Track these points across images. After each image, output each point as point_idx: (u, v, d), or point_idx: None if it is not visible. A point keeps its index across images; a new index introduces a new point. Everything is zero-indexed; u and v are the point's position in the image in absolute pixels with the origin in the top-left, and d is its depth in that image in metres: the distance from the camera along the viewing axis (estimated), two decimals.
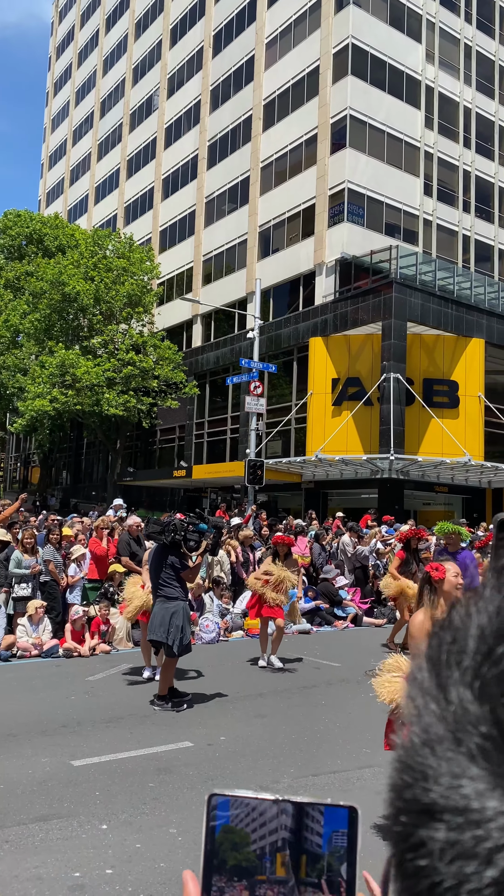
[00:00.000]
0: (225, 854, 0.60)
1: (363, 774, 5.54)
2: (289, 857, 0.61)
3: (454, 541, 8.42)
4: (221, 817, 0.61)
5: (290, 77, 31.25)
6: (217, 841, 0.61)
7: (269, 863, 0.61)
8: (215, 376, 33.54)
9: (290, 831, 0.61)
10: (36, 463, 51.31)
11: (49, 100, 62.19)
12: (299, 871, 0.61)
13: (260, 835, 0.61)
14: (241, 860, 0.60)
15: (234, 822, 0.61)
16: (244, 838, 0.61)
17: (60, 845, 4.24)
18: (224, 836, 0.60)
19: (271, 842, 0.61)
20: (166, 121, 40.83)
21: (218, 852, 0.61)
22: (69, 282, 30.77)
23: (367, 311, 25.82)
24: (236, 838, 0.61)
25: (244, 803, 0.61)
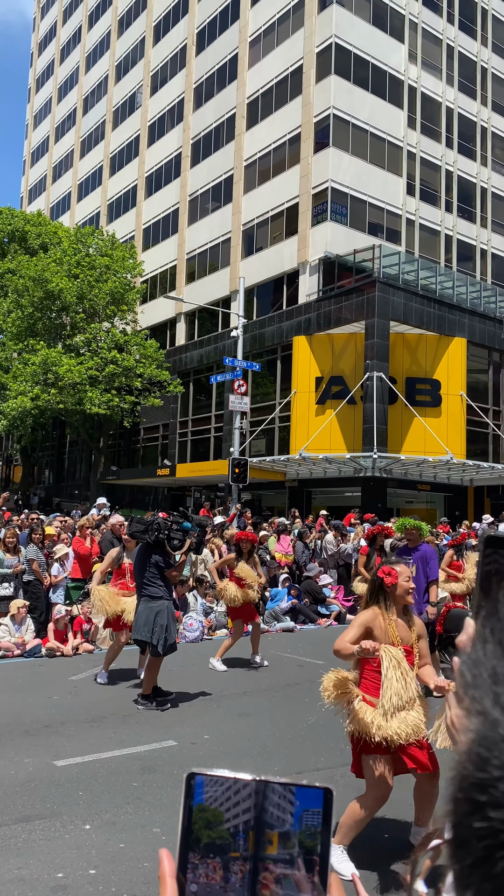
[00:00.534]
0: (199, 832, 0.62)
1: (347, 772, 5.55)
2: (261, 834, 0.63)
3: (414, 536, 8.41)
4: (199, 795, 0.63)
5: (274, 76, 31.25)
6: (192, 819, 0.63)
7: (243, 840, 0.62)
8: (199, 375, 33.49)
9: (263, 810, 0.63)
10: (18, 461, 50.94)
11: (31, 96, 61.72)
12: (270, 848, 0.63)
13: (234, 813, 0.62)
14: (215, 838, 0.62)
15: (209, 801, 0.62)
16: (218, 817, 0.62)
17: (43, 846, 4.22)
18: (198, 814, 0.62)
19: (245, 820, 0.62)
20: (149, 118, 40.68)
21: (193, 830, 0.62)
22: (52, 279, 30.59)
23: (351, 310, 25.89)
24: (210, 817, 0.62)
25: (220, 782, 0.63)
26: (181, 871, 0.62)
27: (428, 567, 8.22)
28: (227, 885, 0.62)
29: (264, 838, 0.63)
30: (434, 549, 8.75)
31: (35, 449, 46.79)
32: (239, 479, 21.11)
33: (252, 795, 0.63)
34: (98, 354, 30.75)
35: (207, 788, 0.63)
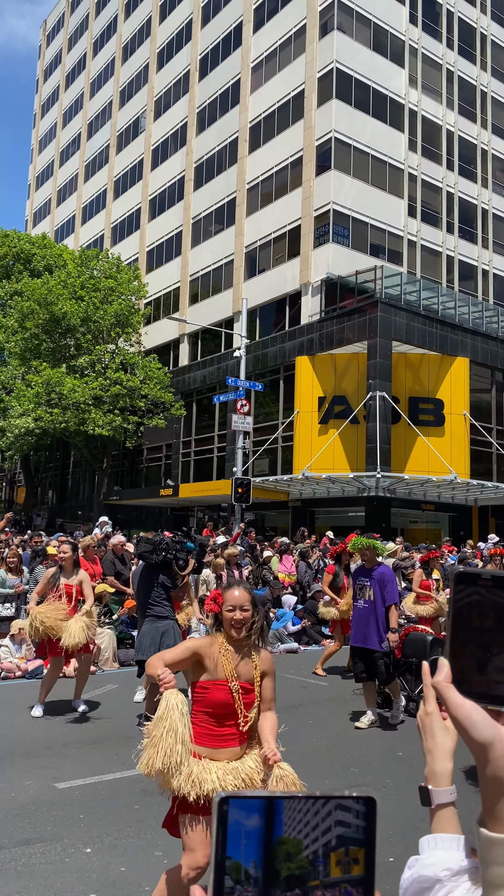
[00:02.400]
0: (279, 866, 0.58)
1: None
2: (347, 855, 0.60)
3: (369, 556, 7.62)
4: (234, 821, 0.59)
5: (276, 100, 31.68)
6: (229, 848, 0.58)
7: (323, 865, 0.59)
8: (202, 395, 33.58)
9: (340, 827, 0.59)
10: (21, 482, 50.97)
11: (36, 121, 62.62)
12: (339, 869, 0.60)
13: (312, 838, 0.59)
14: (294, 869, 0.58)
15: (251, 824, 0.58)
16: (298, 845, 0.58)
17: (43, 870, 4.16)
18: (278, 847, 0.58)
19: (325, 843, 0.59)
20: (153, 142, 41.20)
21: (231, 859, 0.58)
22: (57, 302, 30.82)
23: (353, 331, 26.01)
24: (290, 848, 0.58)
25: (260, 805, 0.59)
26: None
27: (385, 590, 7.46)
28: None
29: (336, 860, 0.60)
30: (391, 570, 7.93)
31: (38, 470, 46.85)
32: (242, 499, 21.09)
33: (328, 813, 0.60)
34: (103, 375, 30.89)
35: (245, 813, 0.59)
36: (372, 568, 7.57)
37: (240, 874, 0.58)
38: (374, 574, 7.49)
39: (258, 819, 0.59)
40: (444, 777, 1.21)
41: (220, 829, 0.58)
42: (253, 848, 0.58)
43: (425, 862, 1.13)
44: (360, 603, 7.57)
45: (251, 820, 0.59)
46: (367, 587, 7.49)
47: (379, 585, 7.42)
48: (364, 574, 7.61)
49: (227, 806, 0.59)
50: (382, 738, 7.22)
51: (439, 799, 1.21)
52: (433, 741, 1.24)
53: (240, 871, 0.58)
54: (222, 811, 0.58)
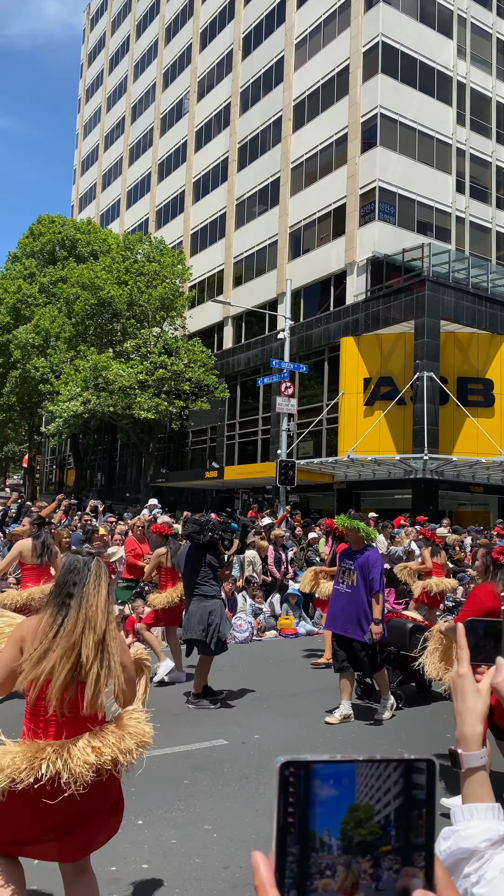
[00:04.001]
0: (351, 832, 0.57)
1: None
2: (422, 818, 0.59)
3: (352, 538, 7.06)
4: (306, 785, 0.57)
5: (320, 77, 31.19)
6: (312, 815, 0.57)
7: (395, 831, 0.58)
8: (246, 378, 33.59)
9: (404, 792, 0.59)
10: (71, 465, 51.92)
11: (81, 106, 62.96)
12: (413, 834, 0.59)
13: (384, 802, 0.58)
14: (366, 835, 0.57)
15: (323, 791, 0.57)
16: (368, 812, 0.58)
17: None
18: (350, 814, 0.57)
19: (396, 808, 0.58)
20: (196, 124, 41.05)
21: (295, 826, 0.57)
22: (104, 287, 31.12)
23: (400, 310, 25.63)
24: (362, 814, 0.57)
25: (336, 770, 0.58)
26: (279, 873, 0.57)
27: (370, 576, 6.81)
28: (379, 883, 0.57)
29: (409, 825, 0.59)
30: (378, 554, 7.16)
31: (87, 453, 47.62)
32: (286, 482, 21.08)
33: (395, 779, 0.59)
34: (148, 359, 31.13)
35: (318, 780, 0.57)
36: (358, 551, 6.98)
37: (314, 842, 0.57)
38: (359, 558, 6.93)
39: (328, 785, 0.58)
40: (474, 740, 1.20)
41: (281, 795, 0.57)
42: (327, 814, 0.57)
43: (463, 833, 1.12)
44: (341, 587, 7.03)
45: (321, 786, 0.58)
46: (350, 571, 6.95)
47: (362, 571, 6.86)
48: (349, 557, 7.04)
49: (289, 770, 0.58)
50: (368, 732, 7.16)
51: (469, 763, 1.19)
52: (464, 703, 1.22)
53: (314, 839, 0.57)
54: (283, 775, 0.57)
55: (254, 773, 5.46)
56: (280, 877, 0.57)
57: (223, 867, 3.97)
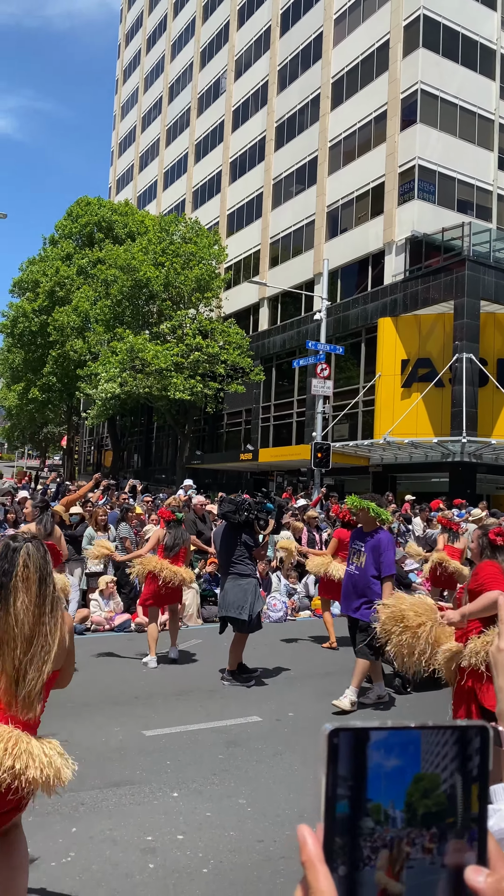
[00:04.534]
0: (416, 804, 0.55)
1: None
2: (475, 788, 0.56)
3: (362, 519, 6.87)
4: (362, 754, 0.54)
5: (360, 53, 30.59)
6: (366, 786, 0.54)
7: (462, 801, 0.56)
8: (281, 360, 33.44)
9: (458, 760, 0.56)
10: (108, 446, 52.47)
11: (118, 87, 62.86)
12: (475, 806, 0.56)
13: (449, 771, 0.56)
14: (431, 806, 0.55)
15: (387, 760, 0.54)
16: (434, 781, 0.55)
17: (133, 810, 4.34)
18: (414, 785, 0.55)
19: (462, 777, 0.56)
20: (234, 103, 40.67)
21: (341, 797, 0.54)
22: (140, 268, 31.18)
23: (439, 290, 25.20)
24: (427, 783, 0.55)
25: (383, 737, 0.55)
26: (328, 847, 0.54)
27: (382, 559, 6.63)
28: (436, 856, 0.55)
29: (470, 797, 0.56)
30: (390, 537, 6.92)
31: (124, 434, 48.07)
32: (321, 464, 21.00)
33: (444, 745, 0.55)
34: (183, 341, 31.17)
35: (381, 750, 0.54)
36: (369, 532, 6.80)
37: (378, 814, 0.54)
38: (370, 540, 6.74)
39: (392, 753, 0.55)
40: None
41: (330, 765, 0.54)
42: (390, 785, 0.55)
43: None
44: (351, 568, 6.91)
45: (384, 755, 0.55)
46: (360, 552, 6.80)
47: (373, 553, 6.68)
48: (360, 538, 6.88)
49: (338, 738, 0.54)
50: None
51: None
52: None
53: (378, 811, 0.54)
54: (332, 744, 0.54)
55: (288, 751, 5.49)
56: (329, 851, 0.54)
57: (257, 840, 4.00)
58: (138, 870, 3.62)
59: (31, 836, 3.94)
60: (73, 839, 3.94)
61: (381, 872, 0.54)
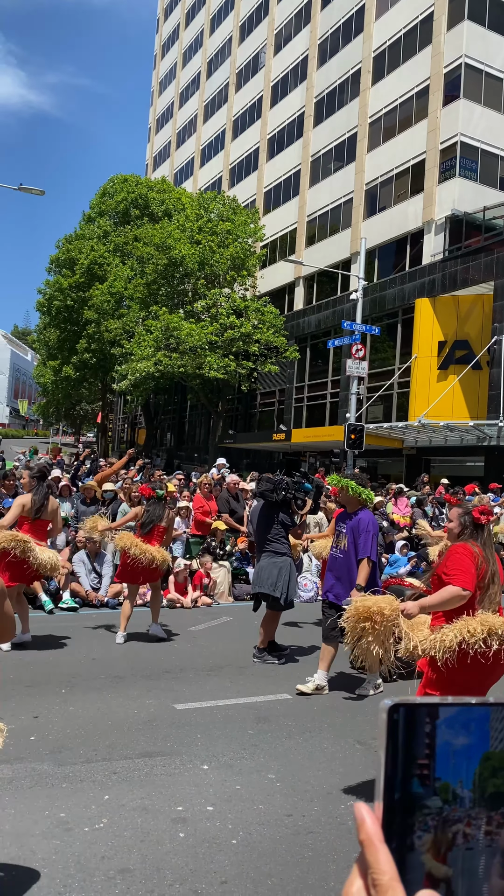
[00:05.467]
0: (485, 782, 0.53)
1: None
2: None
3: (344, 499, 6.57)
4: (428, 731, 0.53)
5: (402, 26, 29.89)
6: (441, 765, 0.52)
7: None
8: (316, 340, 33.21)
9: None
10: (142, 425, 52.85)
11: (157, 62, 62.41)
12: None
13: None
14: (500, 785, 0.53)
15: (456, 738, 0.53)
16: (503, 760, 0.53)
17: (164, 780, 4.41)
18: (483, 763, 0.53)
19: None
20: (273, 78, 40.13)
21: (402, 774, 0.53)
22: (175, 246, 31.11)
23: (479, 271, 24.73)
24: (496, 762, 0.53)
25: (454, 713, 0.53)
26: (386, 826, 0.52)
27: (359, 540, 6.31)
28: (495, 838, 0.53)
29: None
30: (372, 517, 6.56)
31: (158, 413, 48.34)
32: (354, 446, 20.87)
33: None
34: (217, 320, 31.12)
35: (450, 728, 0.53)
36: (352, 513, 6.48)
37: (446, 794, 0.53)
38: (350, 521, 6.43)
39: (461, 731, 0.53)
40: None
41: (389, 742, 0.53)
42: (459, 763, 0.53)
43: None
44: (335, 551, 6.61)
45: (452, 733, 0.53)
46: (343, 534, 6.48)
47: (353, 534, 6.37)
48: (343, 519, 6.56)
49: (398, 714, 0.53)
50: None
51: None
52: None
53: (447, 791, 0.53)
54: (392, 720, 0.53)
55: (317, 728, 5.52)
56: (388, 831, 0.52)
57: (286, 815, 4.04)
58: (169, 838, 3.69)
59: (64, 802, 4.04)
60: (106, 806, 4.03)
61: (427, 855, 0.52)
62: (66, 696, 6.01)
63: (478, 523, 4.32)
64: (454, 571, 4.14)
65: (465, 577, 4.09)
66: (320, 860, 3.56)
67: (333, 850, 3.66)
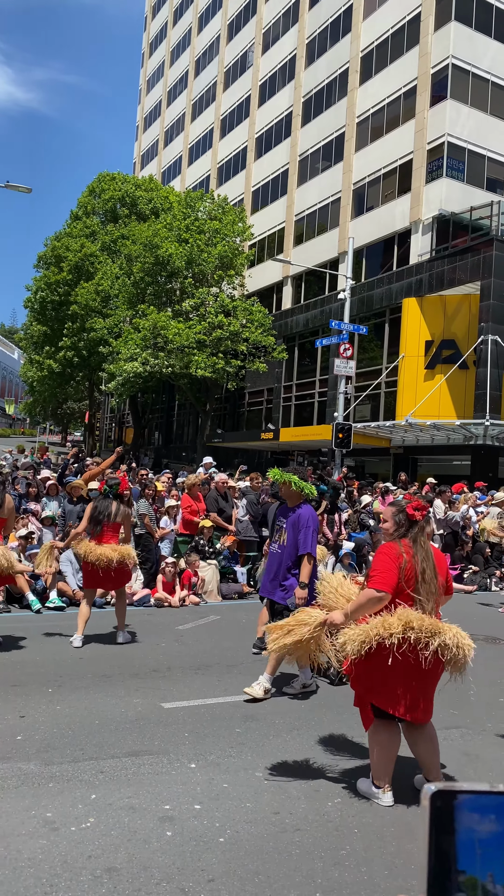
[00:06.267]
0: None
1: (450, 735, 5.49)
2: None
3: (285, 493, 6.40)
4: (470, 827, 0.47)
5: (390, 26, 29.98)
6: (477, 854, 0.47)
7: None
8: (304, 339, 33.27)
9: None
10: (130, 423, 52.70)
11: (144, 61, 62.27)
12: None
13: None
14: None
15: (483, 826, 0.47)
16: None
17: (151, 779, 4.40)
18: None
19: None
20: (261, 77, 40.14)
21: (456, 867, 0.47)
22: (162, 244, 31.04)
23: (465, 271, 24.86)
24: None
25: None
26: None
27: (299, 536, 6.13)
28: None
29: None
30: (312, 511, 6.32)
31: (145, 411, 48.22)
32: (342, 445, 20.93)
33: None
34: (206, 319, 31.08)
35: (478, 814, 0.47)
36: (293, 508, 6.31)
37: (476, 890, 0.47)
38: (291, 516, 6.25)
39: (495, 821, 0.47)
40: None
41: (433, 830, 0.47)
42: (491, 856, 0.47)
43: None
44: (274, 547, 6.46)
45: (486, 822, 0.47)
46: (283, 529, 6.32)
47: (293, 529, 6.18)
48: (283, 514, 6.39)
49: (443, 801, 0.48)
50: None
51: None
52: None
53: (476, 886, 0.47)
54: (435, 807, 0.47)
55: (304, 726, 5.53)
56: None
57: (273, 812, 4.04)
58: (156, 837, 3.68)
59: (51, 802, 4.02)
60: (93, 806, 4.02)
61: None
62: (53, 696, 5.98)
63: (412, 520, 4.23)
64: (373, 573, 4.13)
65: (382, 579, 4.05)
66: (307, 857, 3.56)
67: (320, 848, 3.66)
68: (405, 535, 4.21)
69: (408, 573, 4.08)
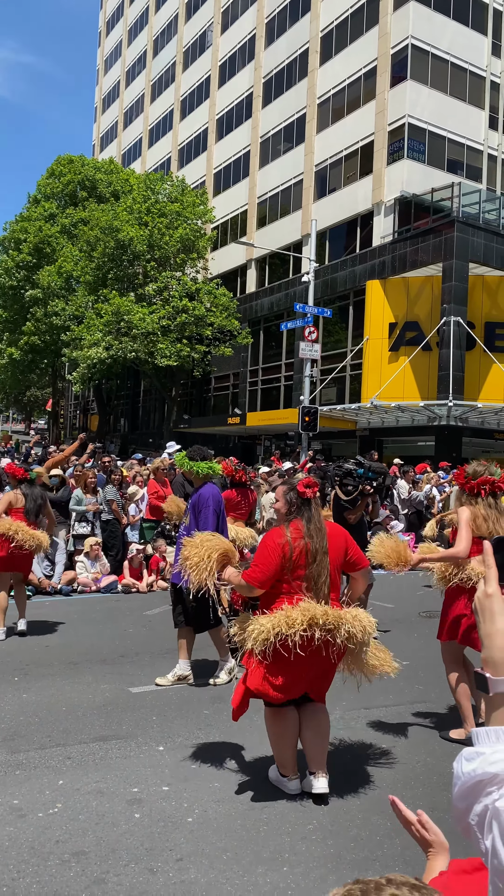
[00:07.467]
0: None
1: (415, 708, 5.59)
2: None
3: (191, 476, 6.28)
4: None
5: (349, 5, 29.81)
6: None
7: None
8: (269, 322, 33.21)
9: None
10: (95, 411, 52.18)
11: (101, 40, 61.07)
12: None
13: None
14: None
15: None
16: None
17: (119, 763, 4.41)
18: None
19: None
20: (220, 58, 39.66)
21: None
22: (123, 227, 30.61)
23: (427, 252, 25.00)
24: None
25: None
26: None
27: (200, 516, 5.91)
28: None
29: None
30: (215, 490, 6.13)
31: (111, 398, 47.75)
32: (309, 428, 21.02)
33: None
34: (169, 303, 30.80)
35: None
36: (199, 486, 6.15)
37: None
38: (193, 496, 6.13)
39: None
40: (502, 664, 1.15)
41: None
42: None
43: (490, 758, 1.09)
44: (182, 529, 6.25)
45: None
46: (187, 512, 6.19)
47: (193, 510, 6.00)
48: (189, 496, 6.26)
49: None
50: None
51: (497, 688, 1.14)
52: (492, 625, 1.17)
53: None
54: None
55: None
56: None
57: (241, 791, 4.08)
58: (124, 819, 3.69)
59: (18, 789, 4.00)
60: (60, 791, 4.01)
61: None
62: (20, 684, 5.95)
63: (303, 497, 4.04)
64: (253, 562, 3.97)
65: (256, 570, 3.90)
66: (275, 834, 3.61)
67: (288, 823, 3.71)
68: (300, 515, 4.02)
69: (297, 556, 3.90)
